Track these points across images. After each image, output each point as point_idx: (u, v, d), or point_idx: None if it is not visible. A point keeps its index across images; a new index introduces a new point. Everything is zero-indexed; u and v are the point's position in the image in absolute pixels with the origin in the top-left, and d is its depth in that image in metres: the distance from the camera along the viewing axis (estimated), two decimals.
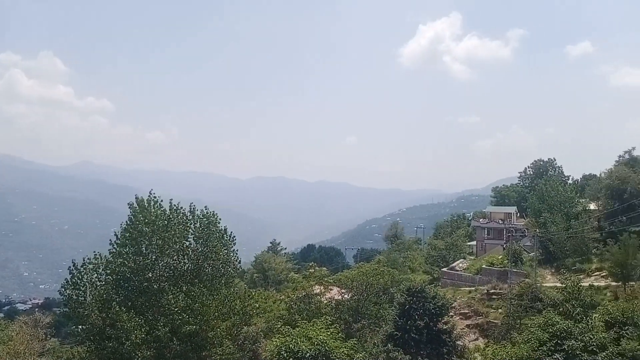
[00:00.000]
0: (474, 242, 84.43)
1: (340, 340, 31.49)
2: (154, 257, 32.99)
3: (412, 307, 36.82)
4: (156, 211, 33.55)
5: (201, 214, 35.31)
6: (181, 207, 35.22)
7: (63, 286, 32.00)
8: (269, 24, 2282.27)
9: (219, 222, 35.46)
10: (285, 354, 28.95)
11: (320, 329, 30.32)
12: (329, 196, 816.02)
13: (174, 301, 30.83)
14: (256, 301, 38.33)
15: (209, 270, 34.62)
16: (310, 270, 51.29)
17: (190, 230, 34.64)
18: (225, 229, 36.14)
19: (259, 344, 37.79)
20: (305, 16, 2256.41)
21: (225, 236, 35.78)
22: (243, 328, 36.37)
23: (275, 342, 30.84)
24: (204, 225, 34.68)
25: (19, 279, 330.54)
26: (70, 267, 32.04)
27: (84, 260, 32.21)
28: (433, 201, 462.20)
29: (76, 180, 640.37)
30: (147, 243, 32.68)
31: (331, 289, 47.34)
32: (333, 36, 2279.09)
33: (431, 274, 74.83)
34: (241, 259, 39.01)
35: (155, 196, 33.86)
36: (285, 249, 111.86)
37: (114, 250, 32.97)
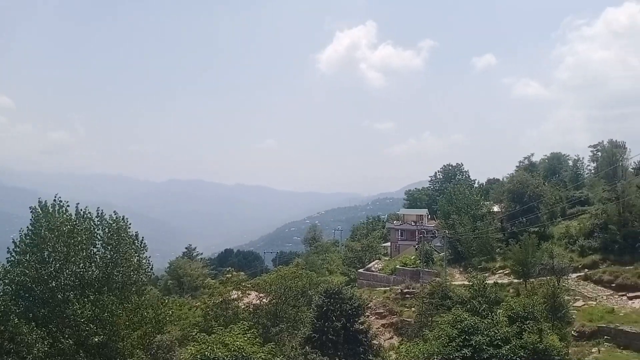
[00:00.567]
0: (389, 244, 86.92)
1: (257, 345, 31.06)
2: (58, 265, 31.01)
3: (330, 308, 37.14)
4: (61, 216, 31.55)
5: (110, 219, 33.58)
6: (88, 212, 33.34)
7: None
8: (186, 24, 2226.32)
9: (130, 228, 33.91)
10: None
11: (237, 334, 29.70)
12: (247, 200, 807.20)
13: (80, 311, 29.22)
14: (170, 309, 36.97)
15: (118, 278, 33.08)
16: (228, 276, 50.26)
17: (98, 236, 32.98)
18: (137, 234, 34.61)
19: (173, 353, 36.35)
20: (224, 17, 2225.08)
21: (137, 242, 34.26)
22: (156, 337, 34.85)
23: (190, 350, 29.82)
24: (112, 231, 33.01)
25: None
26: None
27: None
28: (350, 204, 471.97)
29: None
30: (50, 250, 30.68)
31: (249, 294, 46.70)
32: (252, 39, 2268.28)
33: (348, 275, 76.14)
34: (154, 265, 37.53)
35: (60, 200, 31.83)
36: (202, 254, 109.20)
37: (13, 258, 30.66)
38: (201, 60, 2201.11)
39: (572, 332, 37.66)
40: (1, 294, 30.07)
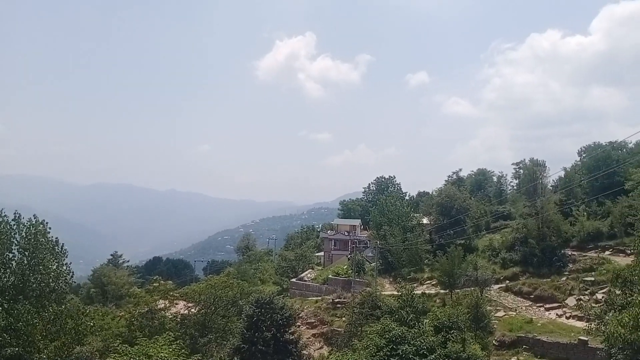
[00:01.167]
0: (322, 253, 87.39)
1: (183, 356, 30.09)
2: None
3: (260, 318, 36.80)
4: None
5: (28, 222, 31.57)
6: (5, 215, 31.23)
7: None
8: (121, 25, 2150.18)
9: (49, 232, 32.07)
10: None
11: (162, 345, 28.65)
12: (179, 206, 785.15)
13: None
14: (92, 318, 35.26)
15: (35, 286, 31.14)
16: (155, 284, 48.53)
17: (15, 241, 30.85)
18: (57, 240, 32.76)
19: None
20: (161, 20, 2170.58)
21: (57, 248, 32.41)
22: (75, 348, 33.12)
23: None
24: (30, 236, 31.04)
25: None
26: None
27: None
28: (286, 213, 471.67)
29: None
30: None
31: (177, 304, 45.36)
32: (189, 42, 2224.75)
33: (281, 284, 75.76)
34: (77, 273, 35.65)
35: None
36: (128, 261, 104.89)
37: None
38: (135, 61, 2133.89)
39: (493, 341, 39.20)
40: None
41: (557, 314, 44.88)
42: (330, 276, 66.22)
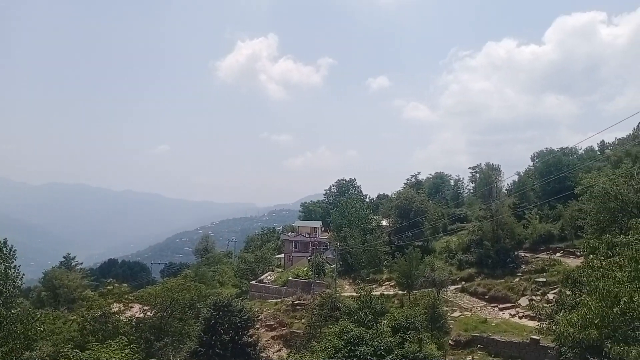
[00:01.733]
0: (283, 255, 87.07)
1: None
2: None
3: (218, 321, 36.37)
4: None
5: None
6: None
7: None
8: (78, 24, 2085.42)
9: None
10: None
11: (115, 350, 27.89)
12: (136, 207, 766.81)
13: None
14: (42, 322, 33.83)
15: None
16: (109, 287, 47.23)
17: None
18: (5, 241, 31.38)
19: None
20: (120, 17, 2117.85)
21: (5, 249, 31.03)
22: (24, 354, 31.78)
23: None
24: None
25: None
26: None
27: None
28: (246, 215, 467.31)
29: None
30: None
31: (132, 307, 44.27)
32: (148, 40, 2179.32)
33: (240, 287, 75.12)
34: (27, 275, 34.27)
35: None
36: (82, 264, 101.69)
37: None
38: (91, 57, 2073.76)
39: (450, 341, 39.91)
40: None
41: (510, 314, 46.08)
42: (291, 278, 66.10)
